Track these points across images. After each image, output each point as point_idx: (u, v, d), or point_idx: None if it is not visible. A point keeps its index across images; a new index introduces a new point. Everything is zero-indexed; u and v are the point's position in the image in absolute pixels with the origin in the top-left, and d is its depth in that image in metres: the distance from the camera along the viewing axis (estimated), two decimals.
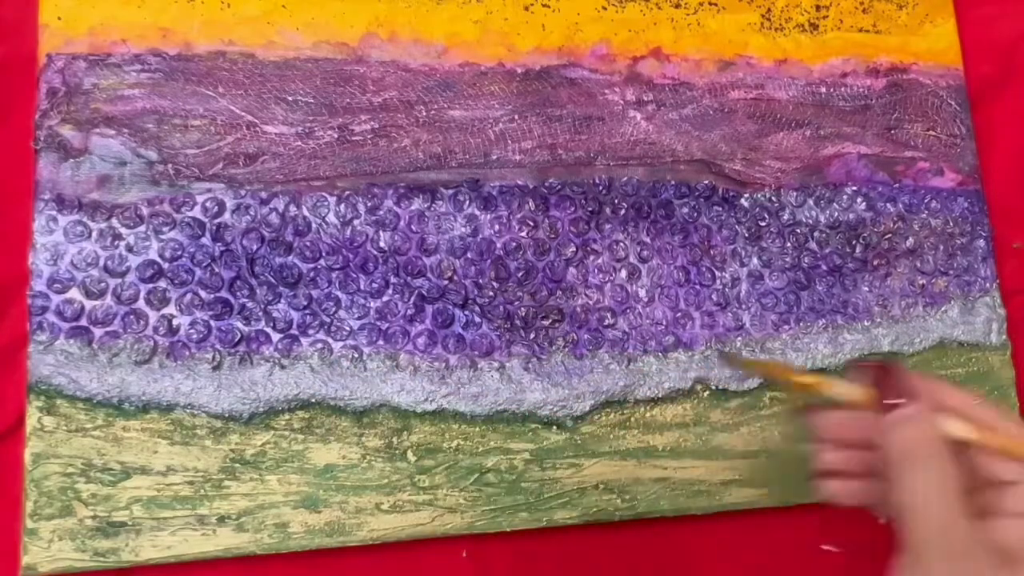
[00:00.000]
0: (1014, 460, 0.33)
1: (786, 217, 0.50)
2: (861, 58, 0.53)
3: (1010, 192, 0.53)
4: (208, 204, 0.45)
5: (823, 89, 0.52)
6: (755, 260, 0.49)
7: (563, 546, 0.46)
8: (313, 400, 0.44)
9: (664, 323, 0.48)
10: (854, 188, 0.51)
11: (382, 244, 0.46)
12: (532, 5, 0.50)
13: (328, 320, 0.45)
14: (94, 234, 0.44)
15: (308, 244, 0.46)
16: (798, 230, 0.50)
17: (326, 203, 0.46)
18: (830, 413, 0.36)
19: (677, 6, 0.51)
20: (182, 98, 0.46)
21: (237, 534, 0.43)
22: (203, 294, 0.44)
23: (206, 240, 0.45)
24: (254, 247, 0.45)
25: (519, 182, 0.48)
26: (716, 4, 0.52)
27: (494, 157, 0.48)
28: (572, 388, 0.46)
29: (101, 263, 0.44)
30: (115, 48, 0.45)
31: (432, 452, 0.45)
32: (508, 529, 0.45)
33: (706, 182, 0.50)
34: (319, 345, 0.45)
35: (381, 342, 0.45)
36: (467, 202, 0.47)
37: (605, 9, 0.50)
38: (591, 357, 0.47)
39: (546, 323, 0.47)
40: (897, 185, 0.52)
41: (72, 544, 0.41)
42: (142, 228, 0.44)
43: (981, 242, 0.52)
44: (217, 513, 0.43)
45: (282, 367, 0.44)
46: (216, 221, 0.45)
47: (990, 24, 0.55)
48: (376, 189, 0.47)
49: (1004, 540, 0.32)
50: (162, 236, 0.44)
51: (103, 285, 0.44)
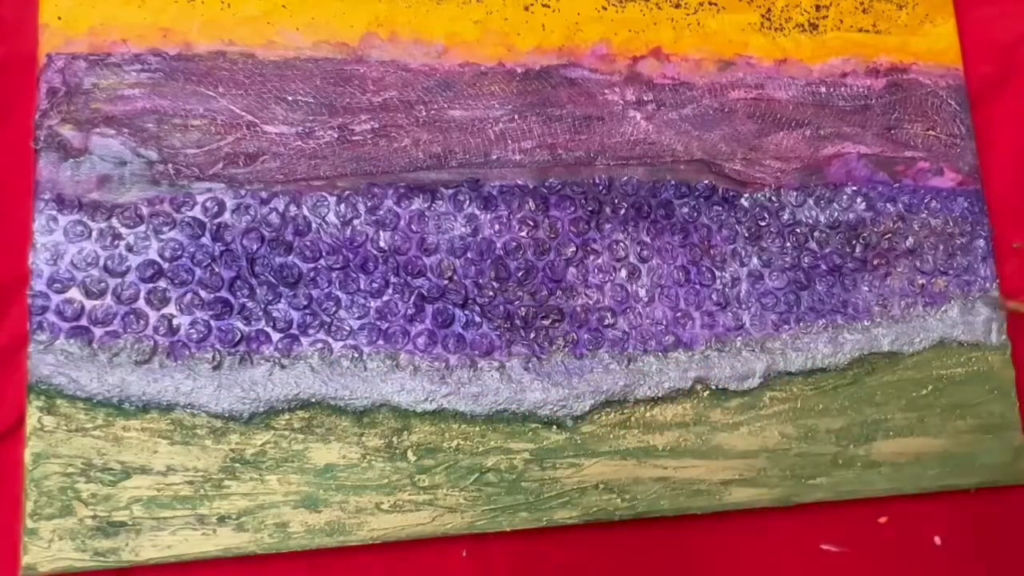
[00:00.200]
0: None
1: (786, 217, 0.50)
2: (861, 58, 0.53)
3: (1010, 192, 0.53)
4: (208, 204, 0.45)
5: (823, 89, 0.52)
6: (755, 260, 0.49)
7: (563, 546, 0.46)
8: (313, 400, 0.44)
9: (664, 323, 0.48)
10: (854, 188, 0.51)
11: (382, 244, 0.46)
12: (532, 5, 0.50)
13: (328, 320, 0.45)
14: (94, 234, 0.44)
15: (308, 244, 0.46)
16: (798, 230, 0.50)
17: (326, 203, 0.46)
18: None
19: (677, 6, 0.51)
20: (182, 98, 0.46)
21: (237, 534, 0.43)
22: (203, 294, 0.44)
23: (206, 240, 0.45)
24: (254, 247, 0.45)
25: (519, 182, 0.48)
26: (716, 4, 0.52)
27: (494, 157, 0.48)
28: (572, 388, 0.46)
29: (101, 263, 0.44)
30: (115, 48, 0.45)
31: (432, 452, 0.45)
32: (508, 529, 0.45)
33: (706, 182, 0.50)
34: (319, 345, 0.45)
35: (381, 342, 0.45)
36: (467, 202, 0.47)
37: (605, 9, 0.50)
38: (591, 357, 0.47)
39: (546, 323, 0.47)
40: (897, 185, 0.52)
41: (72, 544, 0.41)
42: (142, 228, 0.44)
43: (981, 242, 0.52)
44: (217, 513, 0.43)
45: (282, 367, 0.44)
46: (216, 221, 0.45)
47: (990, 24, 0.55)
48: (376, 189, 0.47)
49: None
50: (162, 236, 0.44)
51: (103, 285, 0.44)
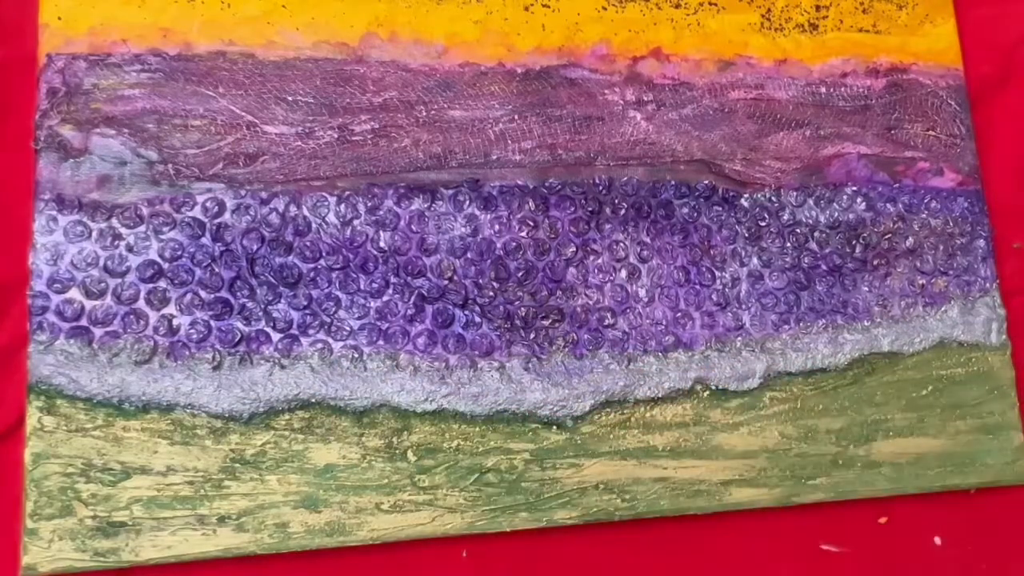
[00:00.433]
0: None
1: (786, 217, 0.50)
2: (861, 58, 0.53)
3: (1010, 192, 0.53)
4: (208, 204, 0.45)
5: (823, 89, 0.52)
6: (755, 260, 0.49)
7: (563, 546, 0.46)
8: (313, 400, 0.44)
9: (664, 323, 0.48)
10: (854, 188, 0.51)
11: (382, 244, 0.46)
12: (532, 5, 0.50)
13: (328, 320, 0.45)
14: (94, 234, 0.44)
15: (308, 244, 0.46)
16: (798, 230, 0.50)
17: (326, 203, 0.46)
18: None
19: (677, 6, 0.51)
20: (182, 98, 0.46)
21: (237, 534, 0.43)
22: (203, 294, 0.44)
23: (206, 240, 0.45)
24: (254, 247, 0.45)
25: (519, 182, 0.48)
26: (716, 4, 0.52)
27: (494, 157, 0.48)
28: (572, 388, 0.46)
29: (101, 263, 0.44)
30: (115, 48, 0.45)
31: (432, 452, 0.45)
32: (508, 529, 0.45)
33: (706, 182, 0.50)
34: (319, 345, 0.45)
35: (381, 342, 0.45)
36: (467, 202, 0.47)
37: (605, 9, 0.50)
38: (591, 357, 0.47)
39: (546, 323, 0.47)
40: (897, 185, 0.52)
41: (72, 544, 0.41)
42: (142, 228, 0.44)
43: (981, 242, 0.52)
44: (217, 513, 0.43)
45: (282, 367, 0.44)
46: (216, 221, 0.45)
47: (990, 24, 0.55)
48: (376, 189, 0.47)
49: None
50: (162, 236, 0.44)
51: (103, 285, 0.44)
